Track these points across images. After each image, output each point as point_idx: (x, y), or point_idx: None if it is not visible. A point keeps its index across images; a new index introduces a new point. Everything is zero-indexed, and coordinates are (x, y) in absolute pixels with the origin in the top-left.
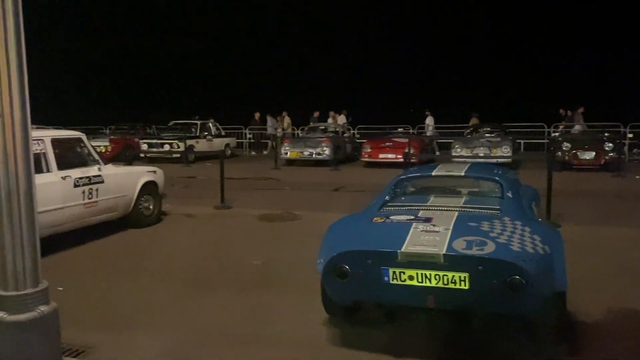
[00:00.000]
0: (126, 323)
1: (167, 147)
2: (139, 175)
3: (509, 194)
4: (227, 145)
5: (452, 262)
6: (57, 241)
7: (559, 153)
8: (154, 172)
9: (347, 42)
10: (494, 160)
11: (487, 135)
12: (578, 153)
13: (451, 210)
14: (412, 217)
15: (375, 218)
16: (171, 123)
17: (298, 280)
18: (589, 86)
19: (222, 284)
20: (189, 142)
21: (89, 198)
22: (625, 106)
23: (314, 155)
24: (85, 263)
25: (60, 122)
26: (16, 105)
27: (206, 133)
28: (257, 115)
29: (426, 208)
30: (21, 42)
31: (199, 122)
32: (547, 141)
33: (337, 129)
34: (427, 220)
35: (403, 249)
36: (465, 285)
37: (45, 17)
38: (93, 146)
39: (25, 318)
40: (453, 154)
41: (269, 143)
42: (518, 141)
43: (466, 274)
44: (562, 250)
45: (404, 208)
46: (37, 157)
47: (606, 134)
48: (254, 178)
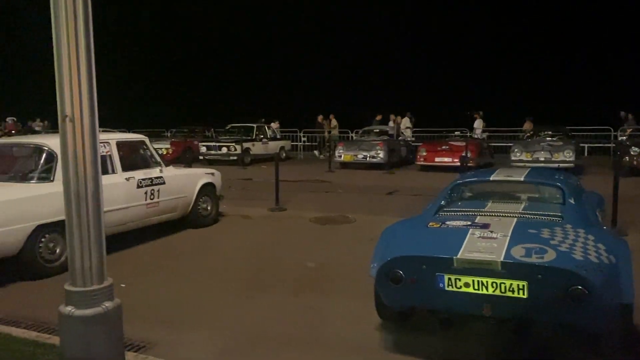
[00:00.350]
0: (183, 321)
1: (225, 150)
2: (198, 177)
3: (572, 200)
4: (282, 148)
5: (510, 270)
6: (120, 239)
7: (627, 158)
8: (212, 174)
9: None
10: (556, 165)
11: (548, 138)
12: None
13: (510, 216)
14: (469, 223)
15: (430, 223)
16: (228, 126)
17: (351, 283)
18: None
19: (277, 285)
20: (246, 145)
21: (151, 198)
22: None
23: (368, 158)
24: (145, 261)
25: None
26: (85, 110)
27: (262, 136)
28: (320, 117)
29: (483, 214)
30: (90, 49)
31: (261, 125)
32: (613, 145)
33: (392, 132)
34: (485, 226)
35: (459, 255)
36: (523, 294)
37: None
38: (155, 148)
39: (91, 313)
40: (512, 158)
41: (319, 146)
42: (582, 145)
43: (524, 282)
44: (629, 260)
45: (461, 213)
46: (103, 159)
47: None
48: (308, 180)
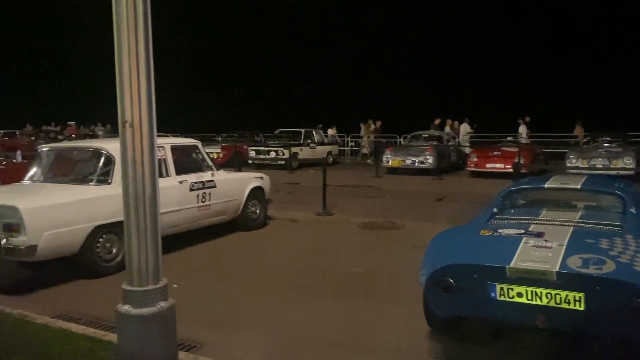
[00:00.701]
0: (232, 322)
1: (273, 154)
2: (248, 180)
3: (632, 210)
4: (329, 152)
5: (566, 281)
6: (172, 241)
7: None
8: (261, 178)
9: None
10: (615, 172)
11: (606, 144)
12: None
13: (566, 225)
14: (523, 231)
15: (482, 231)
16: (277, 131)
17: (399, 290)
18: None
19: (323, 290)
20: (293, 150)
21: (203, 201)
22: None
23: (417, 163)
24: (196, 263)
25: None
26: (144, 116)
27: (309, 141)
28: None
29: (538, 222)
30: (150, 59)
31: (309, 130)
32: None
33: (448, 137)
34: (539, 235)
35: (512, 264)
36: (580, 306)
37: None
38: (207, 153)
39: (147, 312)
40: (567, 165)
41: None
42: None
43: (581, 294)
44: None
45: (514, 221)
46: (158, 163)
47: None
48: (355, 185)
